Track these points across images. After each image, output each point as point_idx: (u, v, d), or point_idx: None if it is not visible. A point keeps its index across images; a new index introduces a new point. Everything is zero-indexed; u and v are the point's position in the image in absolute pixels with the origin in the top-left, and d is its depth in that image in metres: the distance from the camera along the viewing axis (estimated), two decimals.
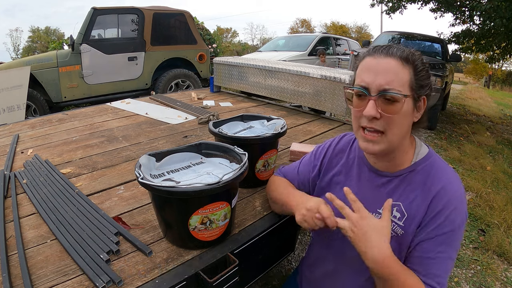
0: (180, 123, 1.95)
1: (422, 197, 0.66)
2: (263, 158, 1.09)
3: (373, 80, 0.63)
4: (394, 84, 0.62)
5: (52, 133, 1.77)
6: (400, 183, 0.70)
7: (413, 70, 0.64)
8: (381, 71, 0.63)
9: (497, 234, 2.17)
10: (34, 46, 29.55)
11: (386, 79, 0.62)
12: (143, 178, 0.73)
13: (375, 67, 0.64)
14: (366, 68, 0.65)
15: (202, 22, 8.15)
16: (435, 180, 0.66)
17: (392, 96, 0.61)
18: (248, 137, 1.03)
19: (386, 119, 0.63)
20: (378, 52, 0.65)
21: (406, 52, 0.64)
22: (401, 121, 0.64)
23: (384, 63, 0.63)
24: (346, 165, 0.82)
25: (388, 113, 0.63)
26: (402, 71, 0.63)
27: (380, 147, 0.66)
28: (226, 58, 2.83)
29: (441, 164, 0.69)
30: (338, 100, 1.98)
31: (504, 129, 5.84)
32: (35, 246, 0.82)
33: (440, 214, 0.63)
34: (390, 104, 0.62)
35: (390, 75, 0.62)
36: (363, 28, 37.15)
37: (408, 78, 0.63)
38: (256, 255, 0.89)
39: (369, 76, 0.64)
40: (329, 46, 7.15)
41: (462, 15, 6.31)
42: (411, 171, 0.69)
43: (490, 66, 19.00)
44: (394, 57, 0.63)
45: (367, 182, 0.75)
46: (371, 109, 0.63)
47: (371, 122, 0.64)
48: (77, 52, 4.15)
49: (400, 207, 0.68)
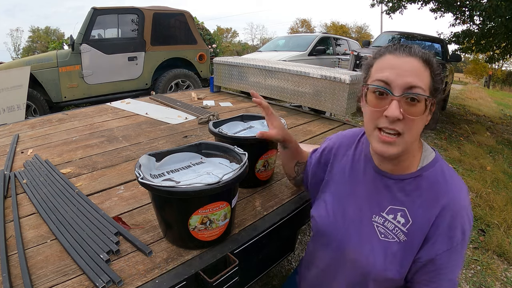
0: (180, 123, 1.95)
1: (428, 205, 0.64)
2: (263, 158, 1.09)
3: (397, 78, 0.59)
4: (420, 84, 0.59)
5: (52, 133, 1.77)
6: (406, 187, 0.67)
7: (431, 73, 0.62)
8: (406, 70, 0.59)
9: (497, 234, 2.17)
10: (34, 46, 29.55)
11: (412, 79, 0.59)
12: (143, 178, 0.73)
13: (399, 65, 0.60)
14: (388, 66, 0.61)
15: (202, 22, 8.15)
16: (442, 190, 0.64)
17: (418, 97, 0.59)
18: (248, 137, 1.03)
19: (407, 121, 0.60)
20: (399, 50, 0.62)
21: (426, 53, 0.62)
22: (419, 124, 0.62)
23: (408, 62, 0.60)
24: (353, 158, 0.80)
25: (411, 115, 0.59)
26: (425, 73, 0.61)
27: (397, 150, 0.62)
28: (226, 58, 2.83)
29: (448, 172, 0.67)
30: (338, 100, 1.98)
31: (504, 129, 5.84)
32: (35, 246, 0.82)
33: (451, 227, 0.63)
34: (413, 106, 0.59)
35: (416, 75, 0.59)
36: (363, 28, 37.17)
37: (429, 80, 0.61)
38: (256, 255, 0.89)
39: (391, 73, 0.60)
40: (329, 46, 7.14)
41: (462, 15, 6.30)
42: (417, 176, 0.67)
43: (490, 66, 18.99)
44: (417, 57, 0.61)
45: (371, 182, 0.73)
46: (395, 109, 0.58)
47: (393, 123, 0.60)
48: (77, 52, 4.15)
49: (405, 212, 0.66)
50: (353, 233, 0.73)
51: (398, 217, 0.67)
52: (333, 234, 0.77)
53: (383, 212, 0.69)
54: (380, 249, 0.67)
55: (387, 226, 0.68)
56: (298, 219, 1.09)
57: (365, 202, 0.73)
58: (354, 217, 0.74)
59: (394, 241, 0.66)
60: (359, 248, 0.71)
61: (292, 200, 1.09)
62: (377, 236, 0.69)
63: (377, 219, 0.70)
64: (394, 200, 0.68)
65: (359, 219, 0.73)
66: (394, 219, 0.67)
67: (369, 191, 0.74)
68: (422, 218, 0.64)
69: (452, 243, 0.63)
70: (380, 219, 0.69)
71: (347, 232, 0.74)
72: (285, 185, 1.20)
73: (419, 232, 0.65)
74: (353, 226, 0.74)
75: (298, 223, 1.15)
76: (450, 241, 0.63)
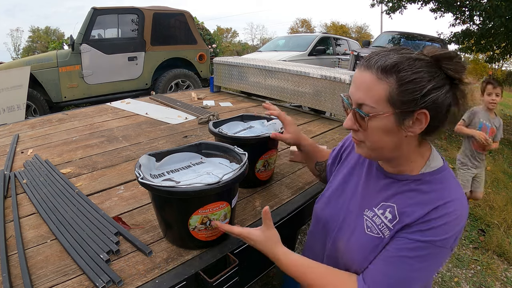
0: (180, 123, 1.95)
1: (418, 207, 0.63)
2: (263, 158, 1.09)
3: (354, 93, 0.64)
4: (367, 100, 0.60)
5: (52, 133, 1.77)
6: (403, 187, 0.67)
7: (395, 83, 0.57)
8: (358, 85, 0.63)
9: (497, 234, 2.17)
10: (34, 46, 29.56)
11: (359, 94, 0.62)
12: (143, 178, 0.73)
13: (355, 80, 0.64)
14: (353, 80, 0.66)
15: (202, 22, 8.16)
16: (440, 194, 0.62)
17: (364, 111, 0.61)
18: (248, 137, 1.03)
19: (362, 132, 0.65)
20: (362, 63, 0.64)
21: (391, 61, 0.58)
22: (381, 136, 0.62)
23: (361, 77, 0.62)
24: (360, 157, 0.82)
25: (360, 128, 0.64)
26: (377, 86, 0.59)
27: (363, 152, 0.68)
28: (226, 58, 2.83)
29: (452, 182, 0.65)
30: (338, 100, 1.98)
31: (504, 129, 5.84)
32: (35, 246, 0.82)
33: (429, 222, 0.60)
34: (361, 119, 0.63)
35: (363, 89, 0.61)
36: (363, 28, 37.18)
37: (385, 93, 0.58)
38: (256, 255, 0.89)
39: (351, 88, 0.65)
40: (329, 46, 7.15)
41: (462, 15, 6.31)
42: (418, 179, 0.66)
43: (490, 66, 18.99)
44: (371, 70, 0.60)
45: (372, 178, 0.75)
46: (348, 120, 0.65)
47: (353, 132, 0.67)
48: (77, 52, 4.15)
49: (394, 209, 0.66)
50: (345, 225, 0.75)
51: (387, 213, 0.67)
52: (328, 224, 0.79)
53: (375, 207, 0.70)
54: (363, 242, 0.68)
55: (375, 221, 0.68)
56: (298, 219, 1.09)
57: (362, 196, 0.75)
58: (349, 209, 0.76)
59: (378, 236, 0.66)
60: (346, 239, 0.73)
61: (292, 200, 1.09)
62: (364, 230, 0.69)
63: (368, 213, 0.70)
64: (388, 197, 0.69)
65: (353, 211, 0.75)
66: (382, 214, 0.67)
67: (368, 186, 0.75)
68: (407, 217, 0.63)
69: (421, 236, 0.60)
70: (370, 213, 0.70)
71: (341, 224, 0.76)
72: (285, 185, 1.20)
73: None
74: (347, 217, 0.75)
75: (298, 223, 1.15)
76: (420, 233, 0.60)
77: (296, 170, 1.33)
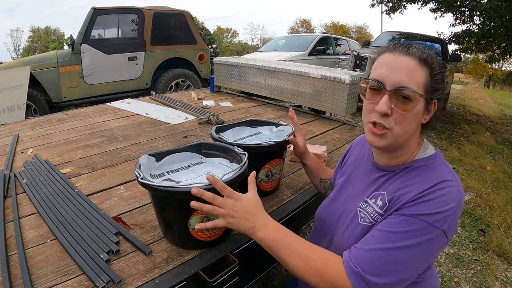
0: (180, 123, 1.95)
1: (410, 189, 0.63)
2: (265, 168, 1.02)
3: (390, 75, 0.63)
4: (411, 83, 0.62)
5: (52, 133, 1.77)
6: (393, 177, 0.69)
7: (429, 73, 0.64)
8: (399, 68, 0.63)
9: (497, 234, 2.17)
10: (34, 46, 29.55)
11: (403, 77, 0.62)
12: (143, 178, 0.73)
13: (394, 63, 0.64)
14: (385, 63, 0.65)
15: (202, 22, 8.15)
16: (430, 178, 0.63)
17: (407, 94, 0.62)
18: (248, 145, 0.96)
19: (396, 116, 0.63)
20: (398, 49, 0.65)
21: (425, 53, 0.64)
22: (410, 121, 0.64)
23: (403, 61, 0.63)
24: (359, 155, 0.85)
25: (401, 110, 0.63)
26: (419, 72, 0.63)
27: (385, 143, 0.66)
28: (226, 58, 2.83)
29: (444, 168, 0.66)
30: (338, 100, 1.98)
31: (504, 129, 5.84)
32: (35, 246, 0.82)
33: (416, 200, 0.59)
34: (403, 102, 0.62)
35: (408, 73, 0.62)
36: (363, 28, 37.16)
37: (424, 79, 0.63)
38: (256, 255, 0.89)
39: (386, 70, 0.64)
40: (329, 46, 7.14)
41: (462, 15, 6.31)
42: (407, 167, 0.68)
43: (490, 66, 19.00)
44: (413, 56, 0.63)
45: (368, 174, 0.77)
46: (384, 104, 0.62)
47: (382, 118, 0.64)
48: (77, 52, 4.15)
49: (384, 196, 0.67)
50: (341, 221, 0.76)
51: (378, 200, 0.68)
52: (327, 223, 0.81)
53: (368, 197, 0.71)
54: (357, 232, 0.69)
55: (367, 210, 0.69)
56: (298, 219, 1.09)
57: (358, 191, 0.77)
58: (345, 206, 0.78)
59: (370, 224, 0.67)
60: (341, 233, 0.73)
61: (292, 200, 1.09)
62: (358, 221, 0.70)
63: (361, 205, 0.72)
64: (379, 186, 0.70)
65: (349, 207, 0.76)
66: (374, 203, 0.69)
67: (363, 181, 0.77)
68: (396, 200, 0.63)
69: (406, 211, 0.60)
70: (363, 204, 0.71)
71: (337, 220, 0.78)
72: (285, 185, 1.20)
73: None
74: (343, 213, 0.77)
75: (298, 223, 1.15)
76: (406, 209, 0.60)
77: (296, 170, 1.33)
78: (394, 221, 0.60)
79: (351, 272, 0.59)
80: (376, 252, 0.59)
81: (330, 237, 0.79)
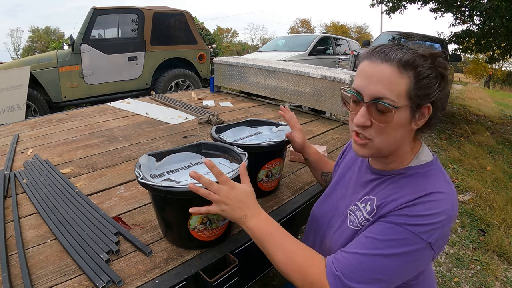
0: (180, 123, 1.95)
1: (399, 196, 0.61)
2: (265, 168, 1.02)
3: (367, 86, 0.60)
4: (388, 93, 0.58)
5: (52, 133, 1.77)
6: (386, 181, 0.68)
7: (413, 77, 0.58)
8: (376, 78, 0.59)
9: (497, 234, 2.17)
10: (34, 46, 29.56)
11: (380, 88, 0.58)
12: (143, 178, 0.73)
13: (371, 72, 0.60)
14: (363, 72, 0.62)
15: (202, 22, 8.16)
16: (422, 187, 0.60)
17: (382, 107, 0.59)
18: (248, 145, 0.96)
19: (376, 128, 0.61)
20: (375, 55, 0.60)
21: (408, 56, 0.58)
22: (392, 131, 0.61)
23: (380, 70, 0.59)
24: (354, 156, 0.84)
25: (379, 122, 0.60)
26: (399, 80, 0.58)
27: (368, 152, 0.64)
28: (226, 58, 2.83)
29: (439, 177, 0.63)
30: (338, 100, 1.98)
31: (504, 129, 5.84)
32: (35, 246, 0.82)
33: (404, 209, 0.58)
34: (381, 114, 0.59)
35: (386, 83, 0.58)
36: (363, 28, 37.17)
37: (406, 87, 0.58)
38: (256, 255, 0.89)
39: (363, 81, 0.61)
40: (329, 46, 7.14)
41: (462, 15, 6.31)
42: (401, 173, 0.66)
43: (490, 66, 19.00)
44: (392, 63, 0.58)
45: (362, 176, 0.76)
46: (361, 117, 0.61)
47: (362, 129, 0.62)
48: (77, 52, 4.15)
49: (373, 201, 0.66)
50: (332, 222, 0.76)
51: (367, 205, 0.67)
52: (319, 222, 0.81)
53: (359, 201, 0.70)
54: (345, 236, 0.69)
55: (357, 214, 0.69)
56: (298, 219, 1.09)
57: (351, 193, 0.76)
58: (337, 207, 0.77)
59: (358, 229, 0.67)
60: (331, 235, 0.74)
61: (292, 200, 1.09)
62: (347, 224, 0.70)
63: (352, 208, 0.71)
64: (371, 190, 0.69)
65: (341, 209, 0.76)
66: (364, 207, 0.68)
67: (357, 183, 0.76)
68: (384, 207, 0.62)
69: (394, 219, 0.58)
70: (354, 208, 0.71)
71: (328, 221, 0.77)
72: (285, 185, 1.20)
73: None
74: (335, 215, 0.77)
75: (298, 223, 1.15)
76: (393, 217, 0.59)
77: (296, 170, 1.33)
78: (380, 228, 0.60)
79: (332, 275, 0.59)
80: (358, 257, 0.58)
81: (322, 236, 0.78)
